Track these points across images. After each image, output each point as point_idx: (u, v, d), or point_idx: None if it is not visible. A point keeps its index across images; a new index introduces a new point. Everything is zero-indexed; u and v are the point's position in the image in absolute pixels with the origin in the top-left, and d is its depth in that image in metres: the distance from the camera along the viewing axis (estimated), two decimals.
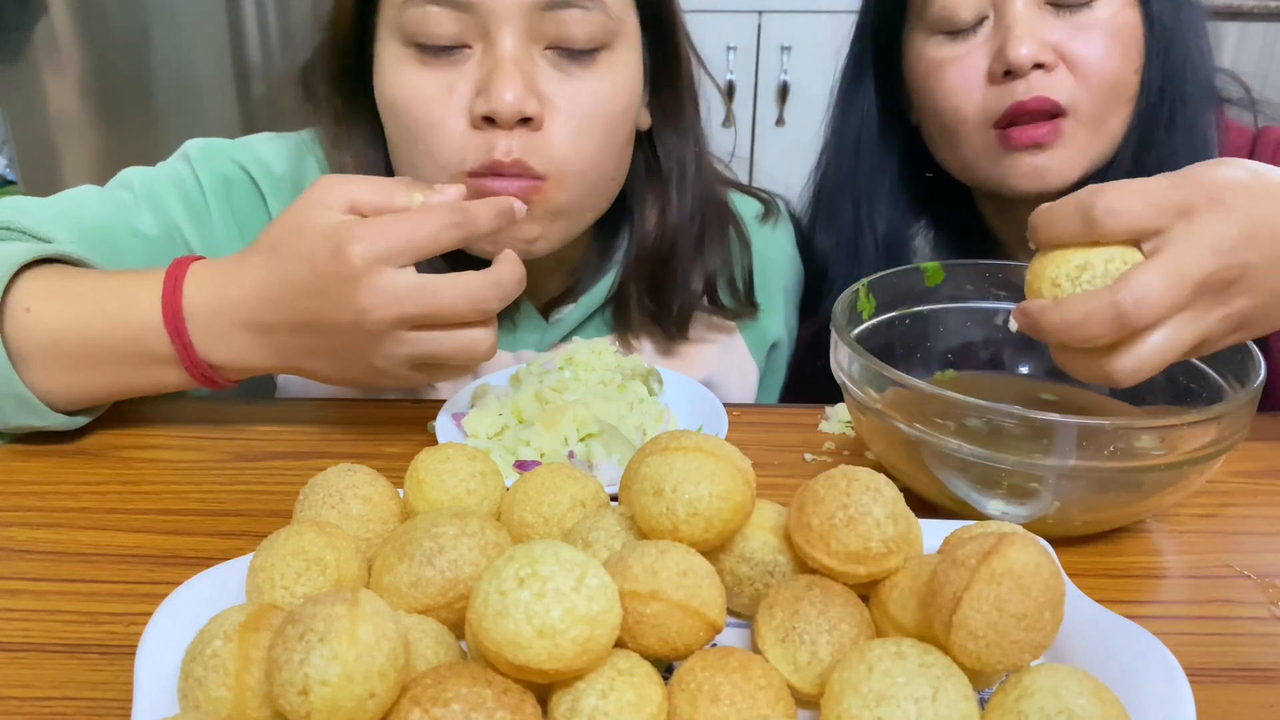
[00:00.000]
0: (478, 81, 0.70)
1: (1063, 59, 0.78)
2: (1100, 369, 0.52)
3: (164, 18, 2.00)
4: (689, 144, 0.83)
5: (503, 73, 0.68)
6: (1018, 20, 0.77)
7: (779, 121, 2.12)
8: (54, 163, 2.15)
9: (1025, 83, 0.78)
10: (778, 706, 0.38)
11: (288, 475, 0.64)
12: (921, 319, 0.71)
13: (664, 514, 0.44)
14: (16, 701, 0.44)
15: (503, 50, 0.69)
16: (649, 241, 0.82)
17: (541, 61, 0.71)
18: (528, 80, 0.69)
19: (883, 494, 0.45)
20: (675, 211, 0.82)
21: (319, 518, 0.48)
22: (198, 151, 0.82)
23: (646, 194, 0.83)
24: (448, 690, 0.36)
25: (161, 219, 0.78)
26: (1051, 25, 0.78)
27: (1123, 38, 0.79)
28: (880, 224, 0.92)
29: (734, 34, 2.05)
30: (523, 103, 0.68)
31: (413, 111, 0.71)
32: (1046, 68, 0.78)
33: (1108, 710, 0.36)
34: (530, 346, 0.86)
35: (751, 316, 0.89)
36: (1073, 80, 0.78)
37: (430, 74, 0.71)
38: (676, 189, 0.82)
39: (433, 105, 0.71)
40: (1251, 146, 0.85)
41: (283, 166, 0.83)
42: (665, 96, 0.81)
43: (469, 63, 0.71)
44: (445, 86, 0.70)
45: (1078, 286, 0.52)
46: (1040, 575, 0.39)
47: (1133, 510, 0.57)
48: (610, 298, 0.85)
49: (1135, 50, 0.80)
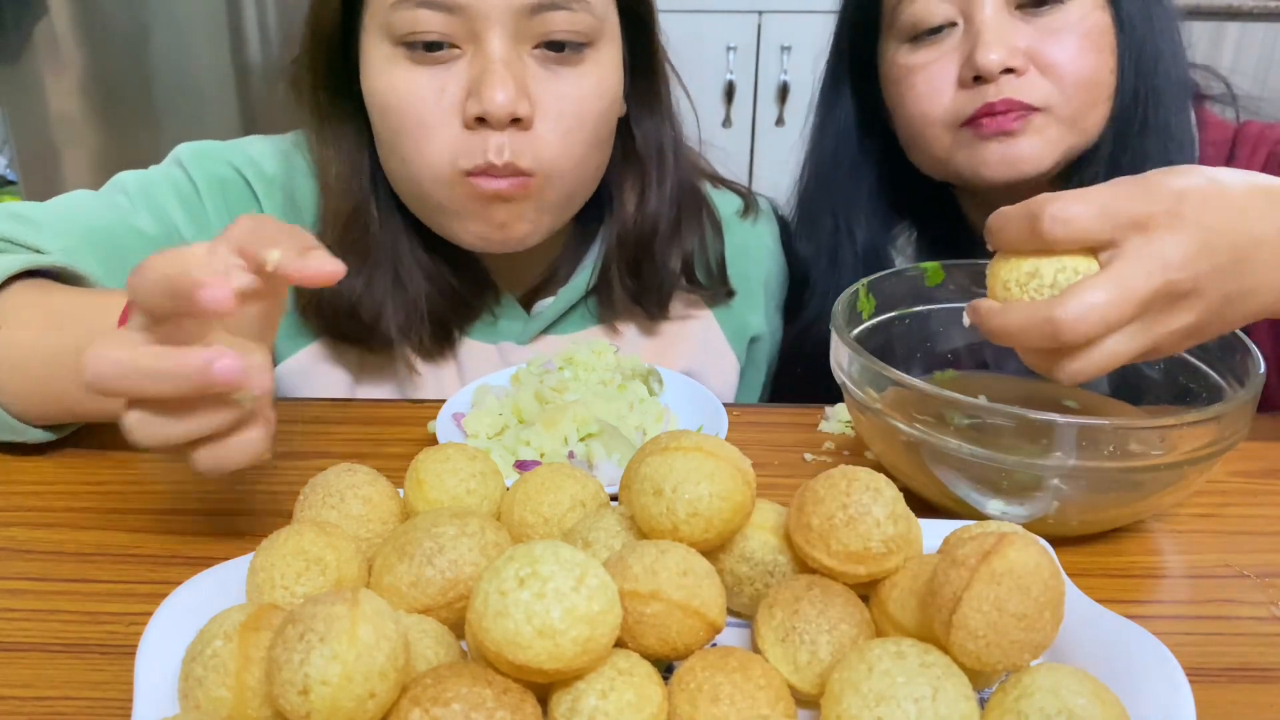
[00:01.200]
0: (468, 82, 0.71)
1: (1034, 62, 0.78)
2: (1046, 366, 0.53)
3: (164, 18, 2.00)
4: (665, 129, 0.85)
5: (494, 74, 0.69)
6: (986, 26, 0.77)
7: (779, 121, 2.12)
8: (54, 163, 2.15)
9: (995, 86, 0.77)
10: (778, 706, 0.38)
11: (288, 475, 0.64)
12: (921, 319, 0.71)
13: (664, 514, 0.44)
14: (16, 701, 0.44)
15: (492, 52, 0.70)
16: (629, 224, 0.84)
17: (530, 61, 0.72)
18: (518, 81, 0.70)
19: (883, 494, 0.45)
20: (654, 194, 0.84)
21: (319, 518, 0.48)
22: (189, 155, 0.83)
23: (625, 178, 0.85)
24: (448, 690, 0.36)
25: (160, 219, 0.78)
26: (1021, 30, 0.78)
27: (1095, 37, 0.78)
28: (860, 233, 0.92)
29: (734, 34, 2.05)
30: (514, 104, 0.70)
31: (404, 111, 0.72)
32: (1017, 72, 0.77)
33: (1108, 710, 0.36)
34: (512, 339, 0.87)
35: (726, 298, 0.91)
36: (1047, 83, 0.78)
37: (421, 74, 0.71)
38: (656, 173, 0.84)
39: (424, 105, 0.71)
40: (1232, 142, 0.85)
41: (273, 167, 0.84)
42: (641, 84, 0.83)
43: (459, 63, 0.71)
44: (436, 87, 0.71)
45: (1025, 293, 0.52)
46: (1040, 575, 0.39)
47: (1133, 510, 0.57)
48: (591, 289, 0.87)
49: (1108, 50, 0.79)
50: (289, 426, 0.71)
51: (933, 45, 0.81)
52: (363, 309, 0.78)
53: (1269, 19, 2.07)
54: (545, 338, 0.88)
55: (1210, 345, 0.61)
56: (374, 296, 0.78)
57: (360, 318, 0.79)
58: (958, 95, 0.80)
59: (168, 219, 0.79)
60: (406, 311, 0.79)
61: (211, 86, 2.07)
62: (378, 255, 0.79)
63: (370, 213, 0.79)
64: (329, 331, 0.82)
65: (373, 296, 0.78)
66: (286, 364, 0.84)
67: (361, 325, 0.79)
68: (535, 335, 0.87)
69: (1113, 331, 0.50)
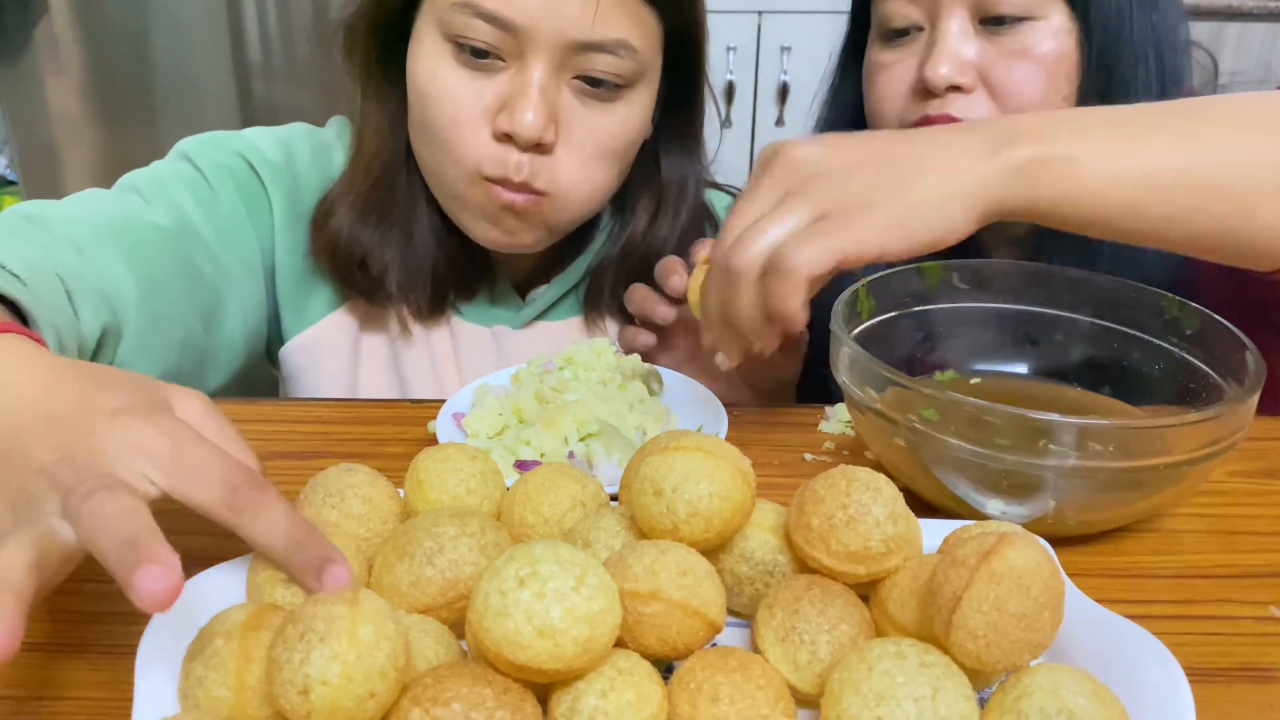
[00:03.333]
0: (504, 96, 0.75)
1: (984, 82, 0.77)
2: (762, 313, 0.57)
3: (164, 18, 2.00)
4: (692, 164, 0.88)
5: (527, 98, 0.73)
6: (942, 38, 0.77)
7: (779, 122, 2.11)
8: (54, 163, 2.15)
9: (939, 101, 0.77)
10: (778, 706, 0.38)
11: (288, 475, 0.64)
12: (921, 319, 0.70)
13: (664, 514, 0.44)
14: (16, 701, 0.44)
15: (532, 75, 0.74)
16: (638, 241, 0.88)
17: (566, 91, 0.76)
18: (550, 109, 0.74)
19: (883, 494, 0.45)
20: (668, 222, 0.88)
21: (319, 518, 0.48)
22: (194, 146, 0.84)
23: (642, 197, 0.88)
24: (448, 690, 0.36)
25: (173, 211, 0.79)
26: (981, 47, 0.77)
27: (1049, 64, 0.77)
28: None
29: (734, 34, 2.05)
30: (542, 130, 0.73)
31: (441, 104, 0.76)
32: (964, 90, 0.77)
33: (1108, 710, 0.36)
34: (506, 323, 0.90)
35: None
36: (991, 105, 0.77)
37: (463, 75, 0.75)
38: (674, 201, 0.88)
39: (460, 105, 0.75)
40: None
41: (275, 155, 0.87)
42: (677, 119, 0.86)
43: (500, 75, 0.75)
44: (475, 91, 0.75)
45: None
46: (1040, 575, 0.39)
47: (1133, 510, 0.57)
48: (583, 280, 0.90)
49: (1064, 78, 0.77)
50: (289, 426, 0.71)
51: (900, 47, 0.81)
52: (372, 262, 0.83)
53: (1269, 19, 2.07)
54: (537, 324, 0.91)
55: (1210, 345, 0.62)
56: (385, 253, 0.83)
57: (368, 269, 0.83)
58: (909, 102, 0.80)
59: (180, 211, 0.80)
60: (409, 273, 0.84)
61: (211, 86, 2.06)
62: (395, 216, 0.83)
63: (399, 175, 0.83)
64: (336, 277, 0.85)
65: (384, 252, 0.83)
66: (299, 338, 0.88)
67: (368, 277, 0.84)
68: (528, 320, 0.91)
69: (765, 229, 0.55)
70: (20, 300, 0.58)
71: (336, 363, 0.89)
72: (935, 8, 0.78)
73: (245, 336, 0.85)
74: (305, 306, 0.88)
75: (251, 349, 0.87)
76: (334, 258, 0.84)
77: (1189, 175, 0.56)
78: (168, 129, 2.09)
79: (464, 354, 0.89)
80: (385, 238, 0.83)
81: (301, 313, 0.88)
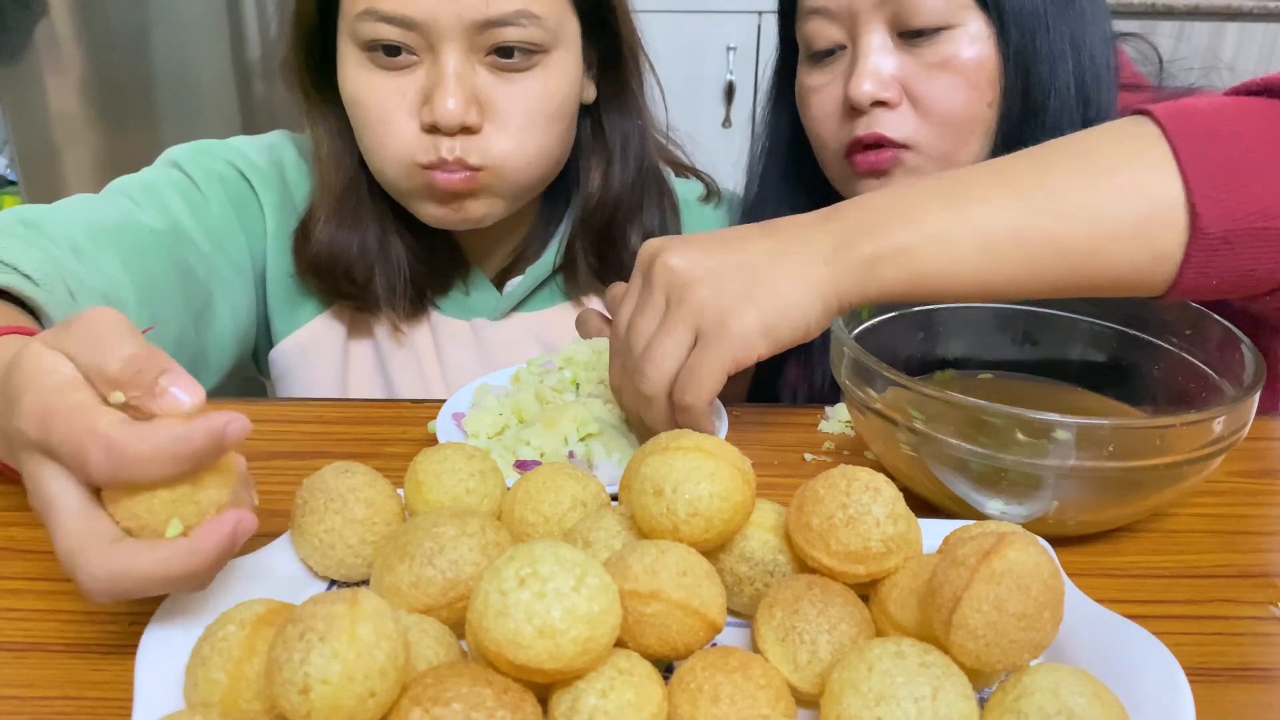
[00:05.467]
0: (424, 89, 0.78)
1: (908, 96, 0.77)
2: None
3: (164, 18, 2.00)
4: (632, 118, 0.90)
5: (444, 87, 0.76)
6: (863, 55, 0.77)
7: None
8: (54, 163, 2.15)
9: (866, 119, 0.77)
10: (778, 706, 0.38)
11: (288, 475, 0.64)
12: (921, 319, 0.71)
13: (664, 514, 0.44)
14: (17, 701, 0.44)
15: (445, 64, 0.77)
16: (593, 203, 0.90)
17: (481, 69, 0.78)
18: (468, 92, 0.77)
19: (883, 494, 0.45)
20: (618, 177, 0.90)
21: (322, 524, 0.48)
22: (183, 154, 0.87)
23: (591, 160, 0.91)
24: (448, 690, 0.36)
25: (164, 214, 0.81)
26: (902, 61, 0.77)
27: (970, 72, 0.76)
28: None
29: (734, 34, 2.05)
30: (463, 114, 0.77)
31: (368, 108, 0.80)
32: (889, 105, 0.77)
33: (1108, 710, 0.36)
34: (484, 315, 0.93)
35: None
36: (916, 118, 0.77)
37: (383, 78, 0.79)
38: (620, 158, 0.90)
39: (385, 105, 0.79)
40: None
41: (263, 161, 0.90)
42: (611, 78, 0.88)
43: (418, 70, 0.78)
44: (397, 90, 0.79)
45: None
46: (1040, 575, 0.39)
47: (1133, 510, 0.57)
48: (558, 267, 0.93)
49: (986, 84, 0.77)
50: (288, 426, 0.71)
51: (826, 68, 0.81)
52: (356, 271, 0.87)
53: (1269, 19, 2.07)
54: (516, 315, 0.93)
55: (1210, 345, 0.62)
56: (366, 260, 0.87)
57: (355, 278, 0.87)
58: (841, 123, 0.80)
59: (172, 215, 0.81)
60: (389, 276, 0.88)
61: (211, 86, 2.07)
62: (367, 224, 0.87)
63: (360, 187, 0.87)
64: (328, 290, 0.89)
65: (365, 260, 0.87)
66: (290, 340, 0.91)
67: (356, 285, 0.88)
68: (506, 312, 0.93)
69: (662, 358, 0.58)
70: (37, 301, 0.59)
71: (326, 363, 0.91)
72: (855, 26, 0.78)
73: (235, 338, 0.87)
74: (296, 309, 0.91)
75: (240, 351, 0.89)
76: (319, 275, 0.88)
77: (1023, 237, 0.57)
78: (168, 129, 2.09)
79: (444, 348, 0.91)
80: (363, 246, 0.87)
81: (292, 315, 0.91)
